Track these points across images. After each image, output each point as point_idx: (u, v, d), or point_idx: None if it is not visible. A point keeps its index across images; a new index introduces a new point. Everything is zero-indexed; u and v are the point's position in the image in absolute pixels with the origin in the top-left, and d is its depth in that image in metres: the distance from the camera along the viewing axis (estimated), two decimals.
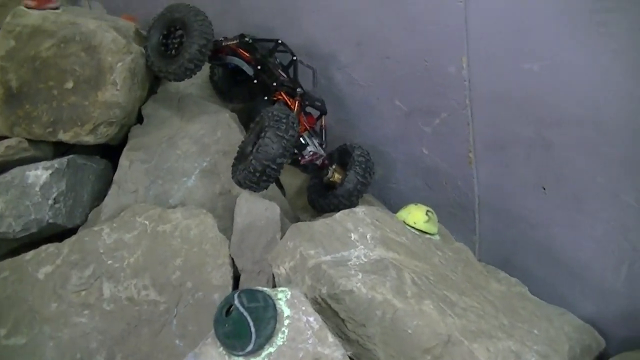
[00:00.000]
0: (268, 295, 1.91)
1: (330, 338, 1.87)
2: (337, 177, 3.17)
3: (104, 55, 2.98)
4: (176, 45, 3.21)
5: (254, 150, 2.74)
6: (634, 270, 2.64)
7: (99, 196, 3.30)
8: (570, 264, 2.87)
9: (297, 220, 3.37)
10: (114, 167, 3.30)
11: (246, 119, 3.59)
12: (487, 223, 3.17)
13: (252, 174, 2.73)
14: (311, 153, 3.05)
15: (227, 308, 1.85)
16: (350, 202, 3.05)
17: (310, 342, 1.85)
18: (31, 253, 2.77)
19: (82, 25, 2.98)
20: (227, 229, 2.90)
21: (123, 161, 3.19)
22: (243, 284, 2.73)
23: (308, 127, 3.19)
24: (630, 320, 2.74)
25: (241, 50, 3.39)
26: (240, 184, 2.85)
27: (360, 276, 2.15)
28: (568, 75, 2.47)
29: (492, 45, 2.64)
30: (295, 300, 1.94)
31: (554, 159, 2.70)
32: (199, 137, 3.32)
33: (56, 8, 3.04)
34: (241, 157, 2.93)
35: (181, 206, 3.06)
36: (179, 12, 3.16)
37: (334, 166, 3.20)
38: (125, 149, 3.24)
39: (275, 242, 2.77)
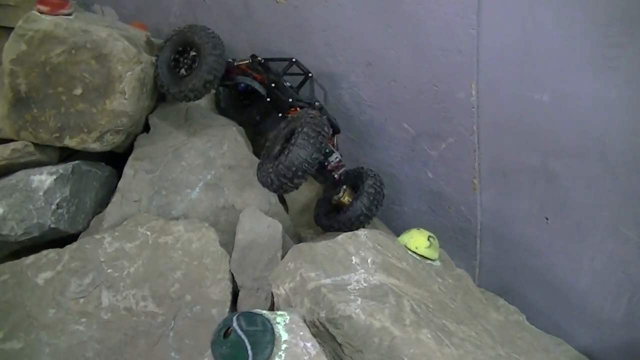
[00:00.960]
0: (267, 319, 1.92)
1: None
2: (346, 199, 3.15)
3: (114, 64, 2.99)
4: (189, 64, 3.20)
5: (285, 153, 2.73)
6: (633, 303, 2.66)
7: (102, 203, 3.30)
8: (569, 294, 2.88)
9: (299, 237, 3.38)
10: (119, 175, 3.30)
11: (253, 144, 3.60)
12: (488, 249, 3.18)
13: (281, 175, 2.72)
14: (337, 160, 3.07)
15: (225, 330, 1.85)
16: (350, 229, 2.99)
17: None
18: (32, 258, 2.76)
19: (94, 33, 2.97)
20: (228, 243, 2.90)
21: (128, 170, 3.20)
22: (242, 301, 2.73)
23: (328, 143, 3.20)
24: (627, 352, 2.76)
25: (251, 71, 3.39)
26: (265, 185, 2.85)
27: (359, 302, 2.15)
28: (575, 108, 2.49)
29: (503, 73, 2.65)
30: (294, 325, 1.95)
31: (557, 189, 2.72)
32: (204, 149, 3.32)
33: (69, 14, 3.04)
34: (268, 158, 2.92)
35: (184, 218, 3.07)
36: (197, 36, 3.16)
37: (344, 187, 3.18)
38: (130, 157, 3.24)
39: (277, 260, 2.78)
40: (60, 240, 3.06)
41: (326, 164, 3.05)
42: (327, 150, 3.04)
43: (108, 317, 2.62)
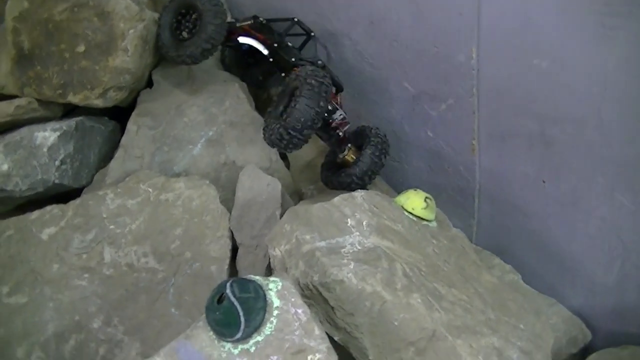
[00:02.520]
0: (259, 286, 1.97)
1: (317, 331, 1.93)
2: (351, 156, 3.16)
3: (117, 22, 2.99)
4: (190, 29, 3.20)
5: (292, 106, 2.73)
6: (625, 268, 2.69)
7: (106, 157, 3.35)
8: (563, 256, 2.92)
9: (300, 192, 3.41)
10: (122, 128, 3.34)
11: (255, 101, 3.61)
12: (485, 209, 3.21)
13: (290, 128, 2.72)
14: (341, 117, 3.07)
15: (219, 296, 1.90)
16: (362, 181, 3.05)
17: (297, 333, 1.91)
18: (36, 213, 2.82)
19: None
20: (229, 199, 2.94)
21: (131, 126, 3.23)
22: (240, 258, 2.78)
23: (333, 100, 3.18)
24: (618, 316, 2.81)
25: (254, 31, 3.38)
26: (274, 144, 2.86)
27: (352, 266, 2.19)
28: (573, 75, 2.48)
29: (503, 38, 2.64)
30: (286, 292, 2.00)
31: (554, 154, 2.73)
32: (207, 106, 3.34)
33: None
34: (274, 117, 2.92)
35: (185, 174, 3.12)
36: (199, 1, 3.13)
37: (349, 145, 3.19)
38: (133, 113, 3.27)
39: (275, 219, 2.82)
40: (64, 194, 3.13)
41: (330, 121, 3.04)
42: (330, 108, 3.02)
43: (110, 272, 2.68)
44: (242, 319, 1.86)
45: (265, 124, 2.97)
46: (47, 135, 2.99)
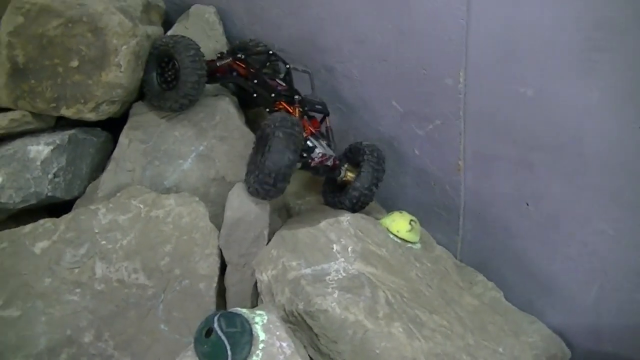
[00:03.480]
0: (246, 320, 2.04)
1: None
2: (349, 175, 3.18)
3: (110, 38, 3.02)
4: (170, 79, 3.25)
5: (262, 161, 2.76)
6: (604, 290, 2.77)
7: (98, 168, 3.40)
8: (544, 276, 3.00)
9: (288, 207, 3.46)
10: (115, 139, 3.38)
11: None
12: (470, 227, 3.27)
13: (264, 183, 2.75)
14: (320, 155, 3.05)
15: (207, 329, 1.97)
16: (370, 191, 3.07)
17: None
18: (29, 227, 2.84)
19: (90, 6, 3.00)
20: (218, 214, 2.98)
21: (123, 139, 3.27)
22: (228, 276, 2.85)
23: (314, 131, 3.21)
24: (595, 335, 2.90)
25: (237, 64, 3.43)
26: (254, 195, 2.89)
27: (336, 295, 2.26)
28: (556, 105, 2.56)
29: (490, 65, 2.70)
30: (271, 325, 2.07)
31: (536, 178, 2.81)
32: (197, 120, 3.38)
33: None
34: (252, 166, 2.95)
35: (175, 189, 3.17)
36: (177, 53, 3.18)
37: (345, 165, 3.20)
38: (125, 127, 3.31)
39: (263, 238, 2.87)
40: (56, 204, 3.19)
41: (310, 161, 3.04)
42: (310, 145, 3.05)
43: (101, 287, 2.71)
44: (229, 352, 1.93)
45: (246, 170, 3.04)
46: (40, 149, 3.03)
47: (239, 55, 3.44)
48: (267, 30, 3.75)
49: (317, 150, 3.05)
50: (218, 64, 3.45)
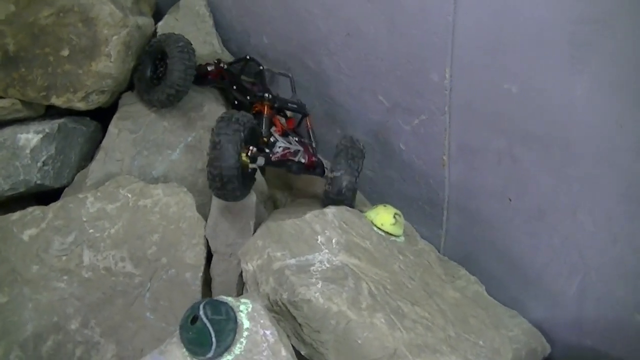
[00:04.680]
0: (231, 308, 2.06)
1: (284, 352, 2.02)
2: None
3: (100, 28, 3.05)
4: (162, 73, 3.30)
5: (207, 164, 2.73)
6: (585, 283, 2.81)
7: (87, 157, 3.43)
8: (526, 268, 3.03)
9: (274, 199, 3.50)
10: (104, 128, 3.41)
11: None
12: (453, 221, 3.31)
13: (214, 188, 2.75)
14: (281, 149, 3.04)
15: (192, 317, 2.00)
16: (342, 202, 3.02)
17: (264, 354, 2.01)
18: (17, 214, 2.87)
19: None
20: (205, 204, 3.03)
21: (112, 129, 3.30)
22: (214, 265, 2.89)
23: (286, 129, 3.26)
24: (576, 329, 2.93)
25: (221, 75, 3.54)
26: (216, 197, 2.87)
27: (319, 285, 2.30)
28: (542, 100, 2.58)
29: (476, 61, 2.73)
30: (255, 314, 2.09)
31: (521, 171, 2.84)
32: (186, 110, 3.43)
33: None
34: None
35: (163, 179, 3.20)
36: (168, 47, 3.23)
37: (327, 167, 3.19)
38: (115, 116, 3.34)
39: (249, 228, 2.92)
40: (45, 193, 3.22)
41: (271, 155, 2.98)
42: (272, 141, 3.04)
43: (88, 275, 2.75)
44: (214, 339, 1.96)
45: None
46: (30, 137, 3.06)
47: (221, 65, 3.52)
48: (256, 23, 3.78)
49: (278, 144, 3.05)
50: (209, 69, 3.51)
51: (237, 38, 4.10)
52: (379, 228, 2.86)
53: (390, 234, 2.88)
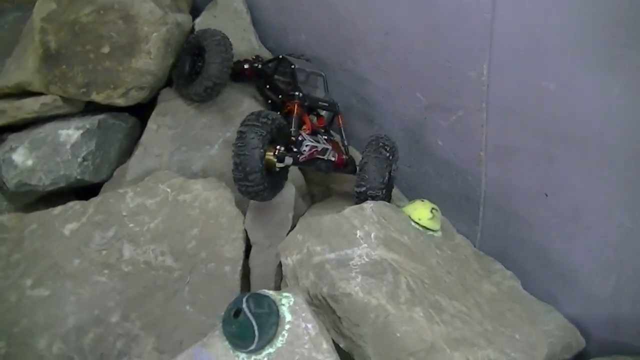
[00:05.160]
0: (273, 301, 2.09)
1: (325, 345, 2.04)
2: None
3: (141, 25, 3.10)
4: (200, 67, 3.33)
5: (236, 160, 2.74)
6: (621, 282, 2.80)
7: (126, 153, 3.48)
8: (562, 266, 3.02)
9: (312, 194, 3.52)
10: (142, 124, 3.47)
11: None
12: (489, 217, 3.31)
13: (240, 189, 2.77)
14: (308, 147, 3.00)
15: (235, 310, 2.03)
16: (375, 197, 2.98)
17: (306, 347, 2.03)
18: (59, 209, 2.92)
19: None
20: (243, 200, 3.02)
21: (151, 124, 3.35)
22: (254, 256, 2.92)
23: (315, 127, 3.23)
24: (611, 326, 2.92)
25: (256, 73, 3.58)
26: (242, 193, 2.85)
27: (359, 279, 2.32)
28: (578, 99, 2.58)
29: (514, 58, 2.73)
30: (297, 307, 2.11)
31: (557, 170, 2.83)
32: (224, 107, 3.46)
33: None
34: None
35: (202, 174, 3.24)
36: (205, 41, 3.30)
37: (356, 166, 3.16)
38: (154, 112, 3.39)
39: (288, 220, 2.96)
40: (85, 188, 3.29)
41: (298, 156, 2.93)
42: (300, 140, 3.00)
43: (129, 269, 2.78)
44: (257, 332, 1.98)
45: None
46: (70, 133, 3.12)
47: (255, 65, 3.57)
48: (293, 21, 3.81)
49: (305, 143, 3.00)
50: (245, 67, 3.57)
51: (274, 35, 4.13)
52: (416, 223, 2.87)
53: (428, 229, 2.89)
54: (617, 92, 2.44)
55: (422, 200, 2.98)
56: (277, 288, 2.79)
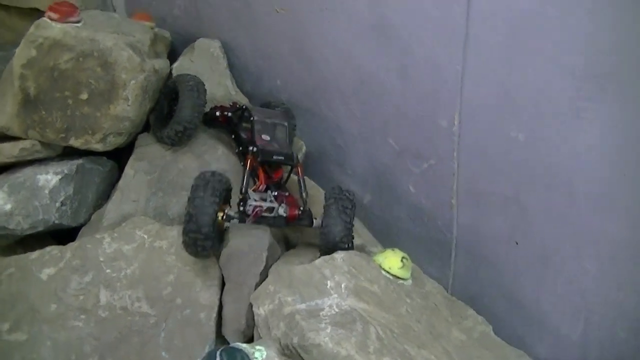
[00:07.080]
0: (246, 355, 2.14)
1: None
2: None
3: (119, 72, 3.15)
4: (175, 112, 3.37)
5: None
6: (588, 328, 2.86)
7: (103, 196, 3.52)
8: (532, 311, 3.08)
9: (286, 239, 3.55)
10: (120, 167, 3.53)
11: None
12: (461, 262, 3.37)
13: (187, 243, 2.81)
14: (252, 207, 2.96)
15: None
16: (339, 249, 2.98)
17: None
18: (36, 253, 2.95)
19: (100, 42, 3.13)
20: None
21: (128, 170, 3.38)
22: (227, 292, 2.95)
23: (272, 181, 3.25)
24: None
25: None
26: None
27: (329, 330, 2.36)
28: (547, 150, 2.66)
29: (484, 110, 2.82)
30: None
31: (527, 217, 2.90)
32: (200, 152, 3.51)
33: (78, 22, 3.18)
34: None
35: (179, 219, 3.26)
36: (180, 86, 3.38)
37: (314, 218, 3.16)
38: (131, 157, 3.43)
39: (261, 260, 3.00)
40: (62, 231, 3.33)
41: (247, 215, 2.95)
42: (247, 198, 2.99)
43: (105, 315, 2.81)
44: None
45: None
46: (49, 178, 3.17)
47: (225, 113, 3.58)
48: (270, 66, 3.88)
49: (249, 202, 2.97)
50: (217, 114, 3.59)
51: (251, 80, 4.20)
52: (387, 271, 2.93)
53: (398, 277, 2.95)
54: (584, 141, 2.52)
55: (393, 250, 3.04)
56: (249, 326, 2.84)
